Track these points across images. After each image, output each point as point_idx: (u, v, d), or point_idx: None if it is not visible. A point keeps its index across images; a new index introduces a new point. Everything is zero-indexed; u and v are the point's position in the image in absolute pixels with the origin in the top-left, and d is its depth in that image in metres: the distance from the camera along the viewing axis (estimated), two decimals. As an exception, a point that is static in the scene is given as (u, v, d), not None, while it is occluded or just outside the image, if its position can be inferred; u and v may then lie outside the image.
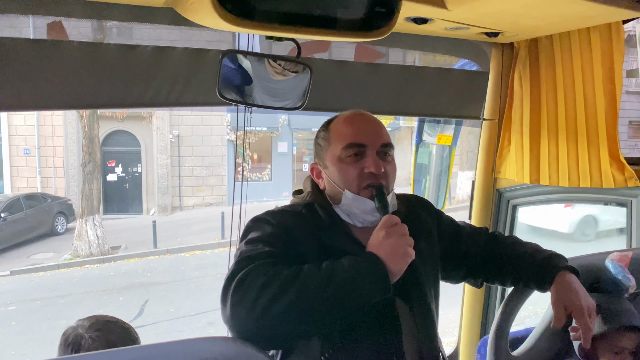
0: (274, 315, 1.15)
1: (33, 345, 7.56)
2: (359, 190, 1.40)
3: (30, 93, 1.72)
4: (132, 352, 1.06)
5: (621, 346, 1.56)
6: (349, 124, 1.46)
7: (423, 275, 1.48)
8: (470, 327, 2.68)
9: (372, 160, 1.40)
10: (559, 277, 1.46)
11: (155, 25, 1.92)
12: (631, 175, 2.07)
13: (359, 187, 1.40)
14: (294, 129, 18.89)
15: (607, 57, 2.07)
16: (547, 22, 1.96)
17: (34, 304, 9.51)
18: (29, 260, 12.48)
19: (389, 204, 1.38)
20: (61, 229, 15.08)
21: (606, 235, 10.69)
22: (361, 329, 1.33)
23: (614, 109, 2.10)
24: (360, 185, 1.40)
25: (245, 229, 1.42)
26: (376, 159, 1.40)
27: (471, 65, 2.64)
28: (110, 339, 1.46)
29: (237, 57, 1.81)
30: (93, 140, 12.97)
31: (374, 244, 1.29)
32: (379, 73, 2.31)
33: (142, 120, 17.09)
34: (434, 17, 1.82)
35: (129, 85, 1.87)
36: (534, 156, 2.35)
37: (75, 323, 1.52)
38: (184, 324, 8.21)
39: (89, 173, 12.93)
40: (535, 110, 2.33)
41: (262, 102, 1.88)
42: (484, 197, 2.59)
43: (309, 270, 1.23)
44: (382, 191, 1.39)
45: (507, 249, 1.61)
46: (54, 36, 1.89)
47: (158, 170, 17.35)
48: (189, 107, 2.03)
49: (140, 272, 11.40)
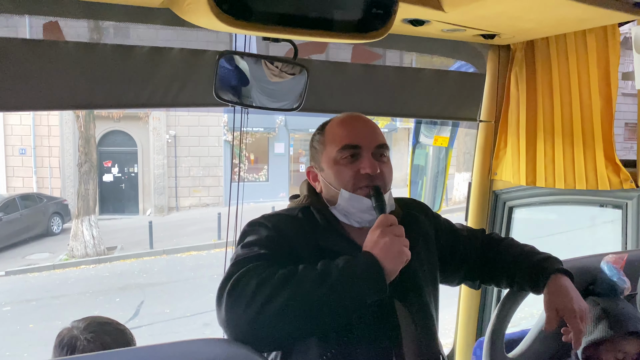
0: (269, 316, 1.15)
1: (28, 346, 7.52)
2: (354, 190, 1.40)
3: (26, 93, 1.72)
4: (127, 354, 1.06)
5: (624, 351, 1.56)
6: (343, 126, 1.47)
7: (422, 279, 1.48)
8: (466, 329, 2.69)
9: (367, 162, 1.40)
10: (552, 280, 1.46)
11: (152, 26, 1.91)
12: (627, 178, 2.08)
13: (355, 187, 1.40)
14: (291, 130, 18.89)
15: (603, 59, 2.08)
16: (543, 25, 1.96)
17: (29, 304, 9.48)
18: (24, 261, 12.43)
19: (385, 203, 1.37)
20: (57, 229, 15.03)
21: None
22: (360, 332, 1.33)
23: (610, 111, 2.11)
24: (356, 186, 1.40)
25: (242, 233, 1.42)
26: (371, 160, 1.40)
27: (467, 67, 2.64)
28: (106, 341, 1.46)
29: (234, 58, 1.80)
30: (89, 140, 12.93)
31: (370, 243, 1.28)
32: (375, 74, 2.31)
33: (138, 120, 17.05)
34: (430, 18, 1.82)
35: (125, 85, 1.87)
36: (530, 158, 2.35)
37: (70, 324, 1.52)
38: (179, 325, 8.19)
39: (85, 173, 12.89)
40: (532, 112, 2.34)
41: (259, 103, 1.88)
42: (480, 198, 2.60)
43: (304, 270, 1.22)
44: (379, 190, 1.39)
45: (502, 250, 1.61)
46: (50, 36, 1.88)
47: (154, 171, 17.31)
48: (186, 107, 2.03)
49: (136, 272, 11.37)
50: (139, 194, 17.53)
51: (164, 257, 12.67)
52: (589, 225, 3.52)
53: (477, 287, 1.74)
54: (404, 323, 1.40)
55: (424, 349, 1.43)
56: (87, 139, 12.85)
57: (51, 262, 12.25)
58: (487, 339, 1.55)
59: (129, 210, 17.40)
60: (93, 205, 13.10)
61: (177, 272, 11.29)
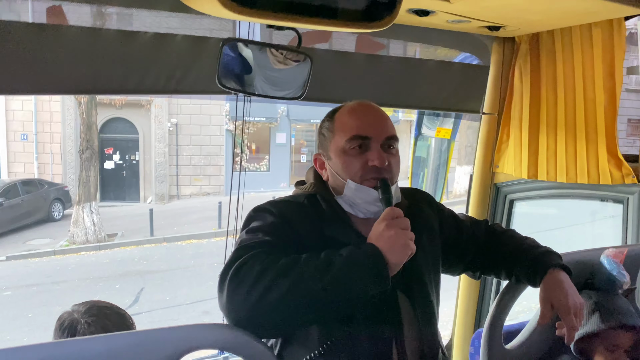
0: (269, 303, 1.15)
1: (28, 330, 7.57)
2: (362, 182, 1.39)
3: (28, 77, 1.71)
4: (128, 337, 1.07)
5: (617, 344, 1.58)
6: (353, 115, 1.45)
7: (425, 271, 1.48)
8: (465, 320, 2.70)
9: (376, 154, 1.38)
10: (549, 274, 1.46)
11: (155, 13, 1.91)
12: (628, 173, 2.07)
13: (362, 179, 1.39)
14: (293, 120, 18.86)
15: (608, 53, 2.07)
16: (549, 17, 1.95)
17: (29, 289, 9.53)
18: (25, 246, 12.47)
19: (392, 196, 1.36)
20: (58, 216, 15.08)
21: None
22: (361, 321, 1.33)
23: (614, 106, 2.10)
24: (364, 177, 1.39)
25: (247, 219, 1.41)
26: (380, 152, 1.39)
27: (472, 59, 2.63)
28: (106, 325, 1.47)
29: (237, 45, 1.79)
30: (91, 127, 12.94)
31: (375, 235, 1.27)
32: (379, 64, 2.30)
33: (140, 108, 17.03)
34: (436, 9, 1.81)
35: (128, 71, 1.86)
36: (533, 151, 2.35)
37: (70, 308, 1.53)
38: (179, 313, 8.23)
39: (87, 160, 12.90)
40: (535, 106, 2.33)
41: (262, 91, 1.87)
42: (481, 191, 2.60)
43: (307, 259, 1.22)
44: (386, 183, 1.37)
45: (503, 242, 1.62)
46: (54, 20, 1.88)
47: (156, 159, 17.32)
48: (188, 94, 2.02)
49: (137, 260, 11.41)
50: (140, 182, 17.55)
51: (165, 244, 12.71)
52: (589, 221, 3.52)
53: (478, 278, 1.74)
54: (406, 314, 1.40)
55: (424, 340, 1.43)
56: (88, 125, 12.85)
57: (52, 248, 12.31)
58: (486, 330, 1.56)
59: (130, 198, 17.43)
60: (94, 192, 13.13)
61: (177, 260, 11.33)
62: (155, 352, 1.03)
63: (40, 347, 0.97)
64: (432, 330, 1.48)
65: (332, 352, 1.31)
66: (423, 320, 1.44)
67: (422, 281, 1.47)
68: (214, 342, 1.11)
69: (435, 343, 1.48)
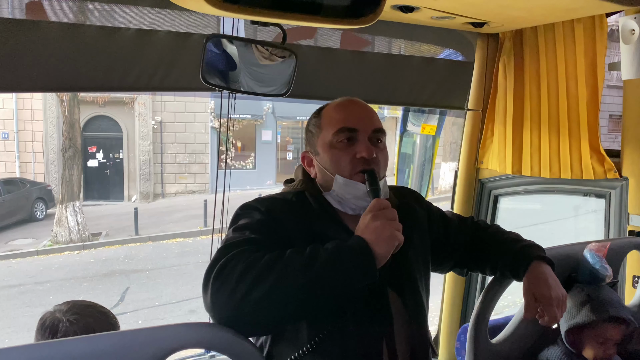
0: (254, 301, 1.14)
1: (10, 331, 7.46)
2: (350, 176, 1.39)
3: (8, 74, 1.68)
4: (113, 337, 1.05)
5: (607, 337, 1.60)
6: (340, 109, 1.45)
7: (415, 267, 1.48)
8: (451, 315, 2.72)
9: (363, 146, 1.38)
10: (532, 267, 1.47)
11: (138, 9, 1.88)
12: (610, 168, 2.10)
13: (351, 173, 1.39)
14: (279, 118, 18.81)
15: (590, 49, 2.09)
16: (532, 14, 1.97)
17: (11, 290, 9.38)
18: (7, 247, 12.28)
19: (380, 188, 1.36)
20: (40, 215, 14.87)
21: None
22: (351, 317, 1.32)
23: (596, 102, 2.12)
24: (352, 171, 1.39)
25: (234, 217, 1.39)
26: (368, 145, 1.39)
27: (456, 55, 2.64)
28: (88, 323, 1.44)
29: (221, 41, 1.78)
30: (74, 125, 12.76)
31: (361, 227, 1.26)
32: (364, 61, 2.30)
33: (124, 105, 16.84)
34: (420, 5, 1.82)
35: (110, 68, 1.84)
36: (517, 147, 2.37)
37: (52, 308, 1.50)
38: (165, 312, 8.17)
39: (69, 158, 12.73)
40: (519, 102, 2.35)
41: (247, 88, 1.86)
42: (466, 187, 2.61)
43: (291, 254, 1.21)
44: (373, 174, 1.37)
45: (488, 237, 1.63)
46: (33, 16, 1.84)
47: (140, 157, 17.16)
48: (172, 91, 2.00)
49: (121, 259, 11.30)
50: (124, 180, 17.37)
51: (150, 243, 12.60)
52: (572, 215, 3.56)
53: (465, 275, 1.76)
54: (396, 311, 1.40)
55: (414, 337, 1.44)
56: (71, 123, 12.67)
57: (35, 248, 12.13)
58: (472, 325, 1.57)
59: (114, 197, 17.25)
60: (77, 191, 12.96)
61: (163, 259, 11.24)
62: (141, 352, 1.02)
63: (22, 348, 0.96)
64: (422, 327, 1.48)
65: (321, 348, 1.31)
66: (413, 317, 1.44)
67: (413, 278, 1.47)
68: (199, 341, 1.10)
69: (425, 339, 1.49)
